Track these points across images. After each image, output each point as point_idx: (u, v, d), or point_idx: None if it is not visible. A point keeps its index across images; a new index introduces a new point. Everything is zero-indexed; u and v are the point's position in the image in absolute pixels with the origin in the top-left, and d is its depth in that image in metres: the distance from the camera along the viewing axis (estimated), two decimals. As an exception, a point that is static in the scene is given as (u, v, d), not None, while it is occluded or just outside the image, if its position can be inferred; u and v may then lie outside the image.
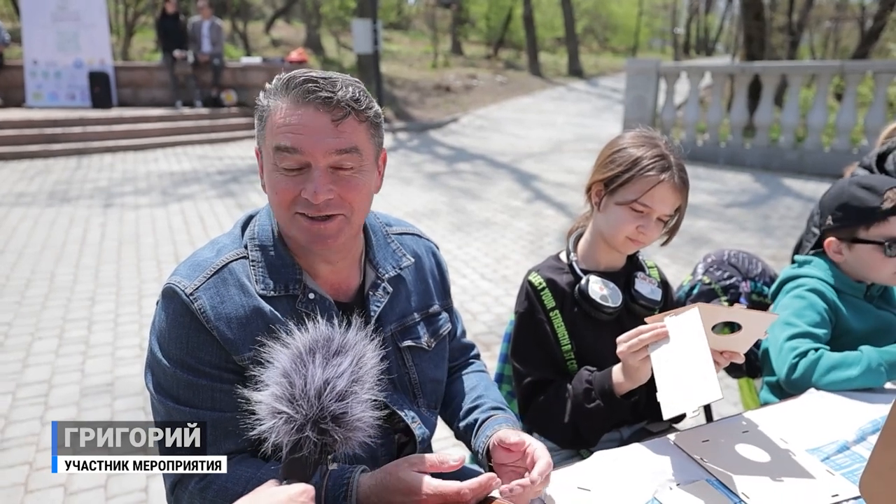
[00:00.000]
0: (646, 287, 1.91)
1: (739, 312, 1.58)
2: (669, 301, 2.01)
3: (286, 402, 1.09)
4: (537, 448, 1.35)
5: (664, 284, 2.02)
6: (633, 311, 1.89)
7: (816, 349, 1.86)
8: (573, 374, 1.88)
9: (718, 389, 1.38)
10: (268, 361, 1.14)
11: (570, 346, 1.86)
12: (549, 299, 1.87)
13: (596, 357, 1.85)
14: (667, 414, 1.42)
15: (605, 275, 1.90)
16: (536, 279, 1.90)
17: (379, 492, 1.25)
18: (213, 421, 1.31)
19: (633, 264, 2.00)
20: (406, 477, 1.24)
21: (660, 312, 1.91)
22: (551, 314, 1.86)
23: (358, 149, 1.29)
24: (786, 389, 1.89)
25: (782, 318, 1.98)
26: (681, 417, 1.99)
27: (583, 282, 1.84)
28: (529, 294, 1.89)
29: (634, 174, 1.76)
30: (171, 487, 1.34)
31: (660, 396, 1.44)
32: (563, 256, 1.98)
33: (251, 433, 1.12)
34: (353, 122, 1.28)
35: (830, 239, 2.06)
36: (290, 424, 1.08)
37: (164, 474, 1.35)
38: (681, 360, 1.48)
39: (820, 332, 1.93)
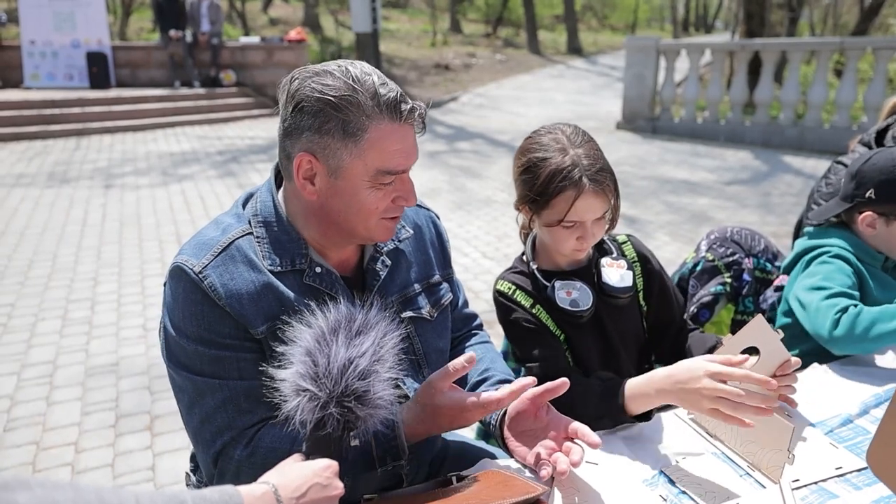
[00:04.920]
0: (614, 275, 1.81)
1: (736, 339, 1.53)
2: (652, 277, 1.93)
3: (310, 380, 1.12)
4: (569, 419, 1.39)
5: (642, 259, 1.93)
6: (609, 304, 1.81)
7: (855, 305, 1.84)
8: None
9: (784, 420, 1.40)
10: (291, 340, 1.16)
11: (562, 335, 1.82)
12: (524, 299, 1.80)
13: (581, 356, 1.80)
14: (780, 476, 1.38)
15: (571, 273, 1.83)
16: (504, 285, 1.83)
17: (424, 419, 1.32)
18: (244, 390, 1.32)
19: (599, 250, 1.90)
20: (445, 401, 1.31)
21: (637, 296, 1.90)
22: (534, 310, 1.79)
23: None
24: (830, 349, 1.85)
25: (812, 284, 1.94)
26: None
27: (548, 291, 1.76)
28: (503, 302, 1.82)
29: (548, 198, 1.66)
30: (213, 461, 1.33)
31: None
32: (525, 258, 1.90)
33: (278, 412, 1.15)
34: None
35: (867, 213, 2.01)
36: (313, 402, 1.12)
37: (198, 451, 1.36)
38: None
39: (854, 293, 1.91)
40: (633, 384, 1.53)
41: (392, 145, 1.27)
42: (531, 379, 1.32)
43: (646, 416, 1.58)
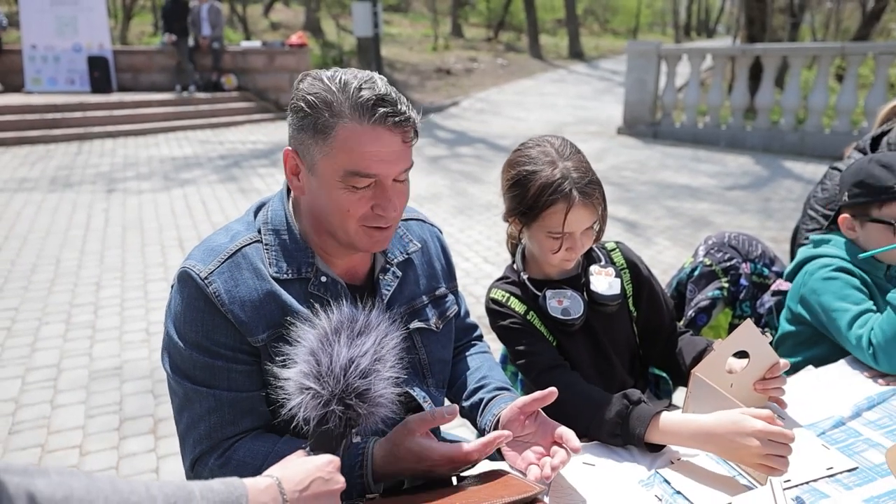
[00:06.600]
0: (602, 283, 1.82)
1: (726, 344, 1.56)
2: (641, 284, 1.94)
3: (313, 379, 1.16)
4: (556, 424, 1.42)
5: (631, 266, 1.94)
6: (599, 312, 1.83)
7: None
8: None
9: None
10: (295, 340, 1.20)
11: (555, 341, 1.83)
12: (518, 306, 1.81)
13: (574, 363, 1.81)
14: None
15: (561, 281, 1.84)
16: (499, 293, 1.85)
17: (392, 461, 1.32)
18: (230, 400, 1.35)
19: (588, 258, 1.90)
20: (413, 446, 1.30)
21: (627, 302, 1.91)
22: (528, 317, 1.81)
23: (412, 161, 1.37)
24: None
25: (830, 306, 1.95)
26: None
27: (540, 300, 1.78)
28: (498, 310, 1.83)
29: (539, 211, 1.67)
30: (190, 465, 1.39)
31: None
32: (515, 267, 1.91)
33: (282, 410, 1.18)
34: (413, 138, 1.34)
35: (844, 216, 2.05)
36: (316, 400, 1.16)
37: (182, 453, 1.41)
38: None
39: (869, 304, 1.92)
40: (666, 421, 1.47)
41: (362, 147, 1.26)
42: (506, 433, 1.33)
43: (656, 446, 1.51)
